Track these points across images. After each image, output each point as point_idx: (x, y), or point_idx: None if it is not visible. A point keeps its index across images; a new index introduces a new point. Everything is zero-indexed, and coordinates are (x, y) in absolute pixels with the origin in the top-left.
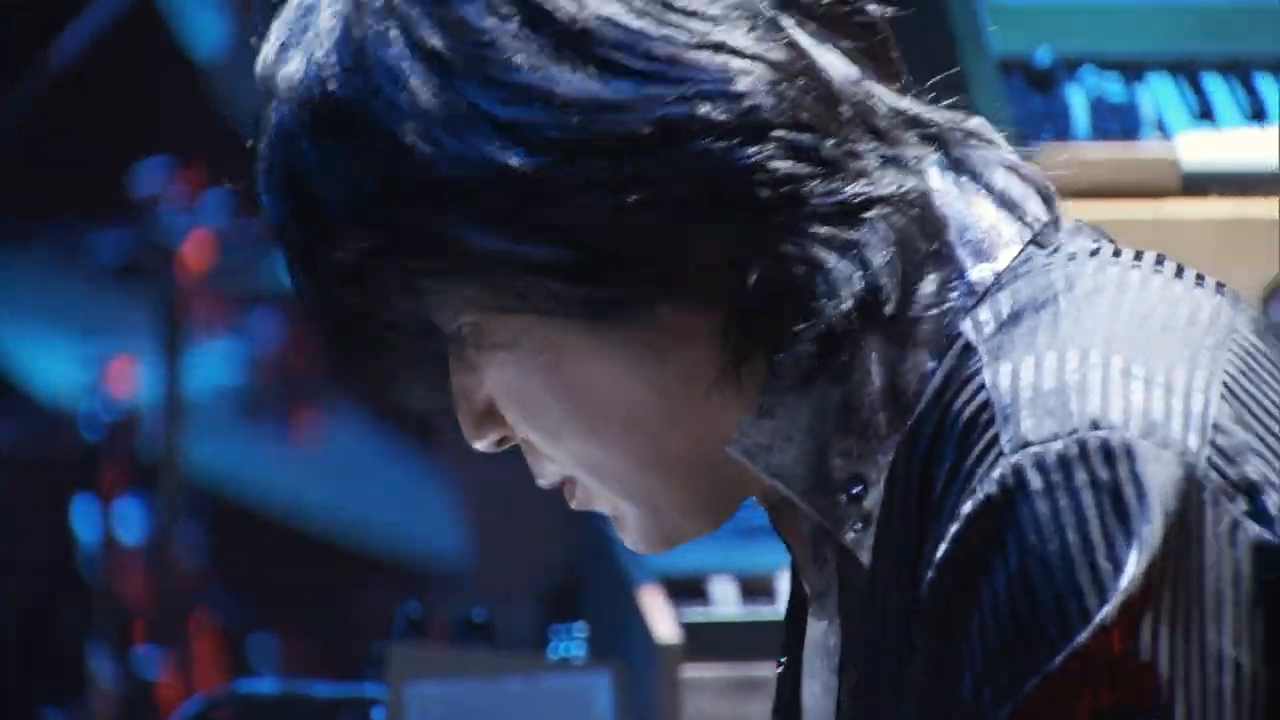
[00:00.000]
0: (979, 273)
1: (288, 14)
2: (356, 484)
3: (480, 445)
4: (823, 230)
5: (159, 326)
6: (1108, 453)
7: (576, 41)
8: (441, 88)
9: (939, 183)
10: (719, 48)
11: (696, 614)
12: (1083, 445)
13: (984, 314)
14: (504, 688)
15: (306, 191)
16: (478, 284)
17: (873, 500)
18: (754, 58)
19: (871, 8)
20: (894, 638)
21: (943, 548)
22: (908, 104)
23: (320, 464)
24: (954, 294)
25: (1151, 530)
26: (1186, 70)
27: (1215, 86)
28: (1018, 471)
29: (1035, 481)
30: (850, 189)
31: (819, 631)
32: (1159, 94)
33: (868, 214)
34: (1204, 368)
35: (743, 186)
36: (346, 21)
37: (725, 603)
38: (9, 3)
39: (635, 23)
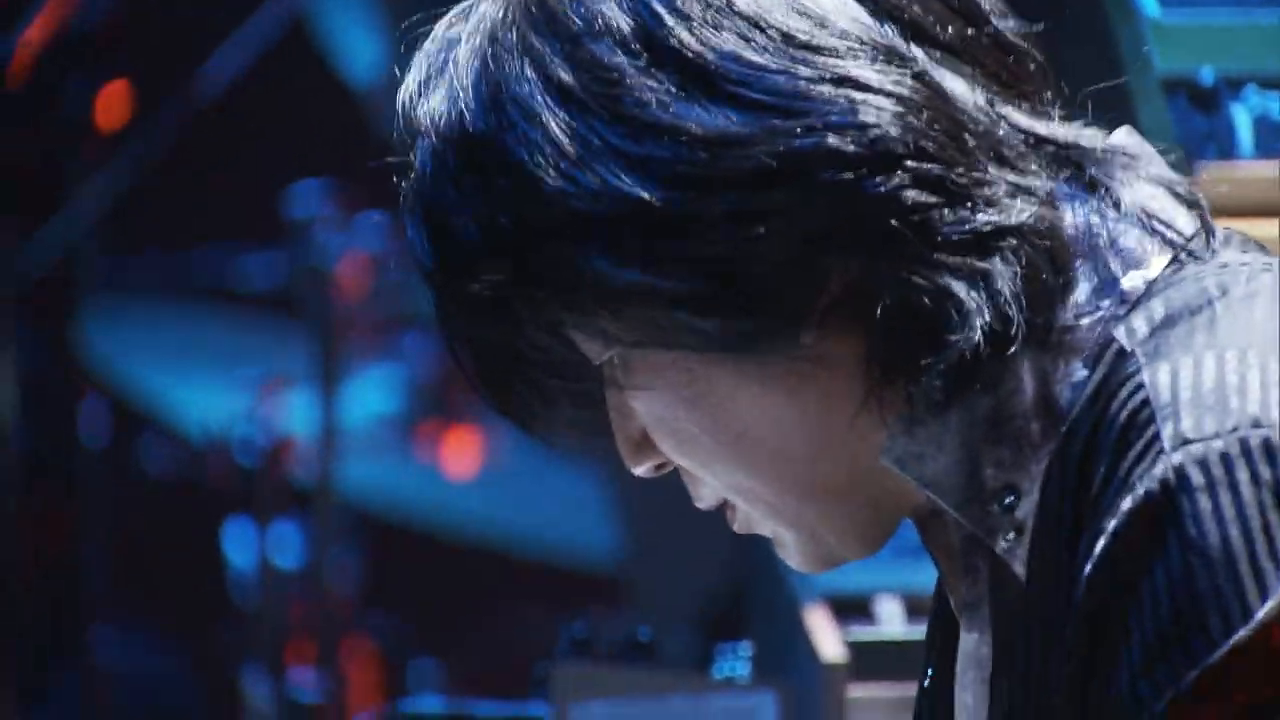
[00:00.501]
0: (1130, 281)
1: (430, 48)
2: (516, 504)
3: (639, 471)
4: (952, 260)
5: (314, 351)
6: (1269, 450)
7: (703, 78)
8: (573, 123)
9: (1078, 204)
10: (844, 81)
11: (863, 633)
12: (1244, 443)
13: (1137, 320)
14: (669, 706)
15: (444, 224)
16: (616, 318)
17: (1025, 510)
18: (879, 91)
19: (1005, 31)
20: (1051, 642)
21: (1100, 544)
22: (1044, 126)
23: (479, 485)
24: (1106, 302)
25: None
26: None
27: None
28: (1179, 469)
29: (1197, 478)
30: (980, 218)
31: (970, 644)
32: None
33: (997, 243)
34: None
35: (872, 217)
36: (484, 57)
37: (891, 621)
38: (164, 26)
39: (759, 58)
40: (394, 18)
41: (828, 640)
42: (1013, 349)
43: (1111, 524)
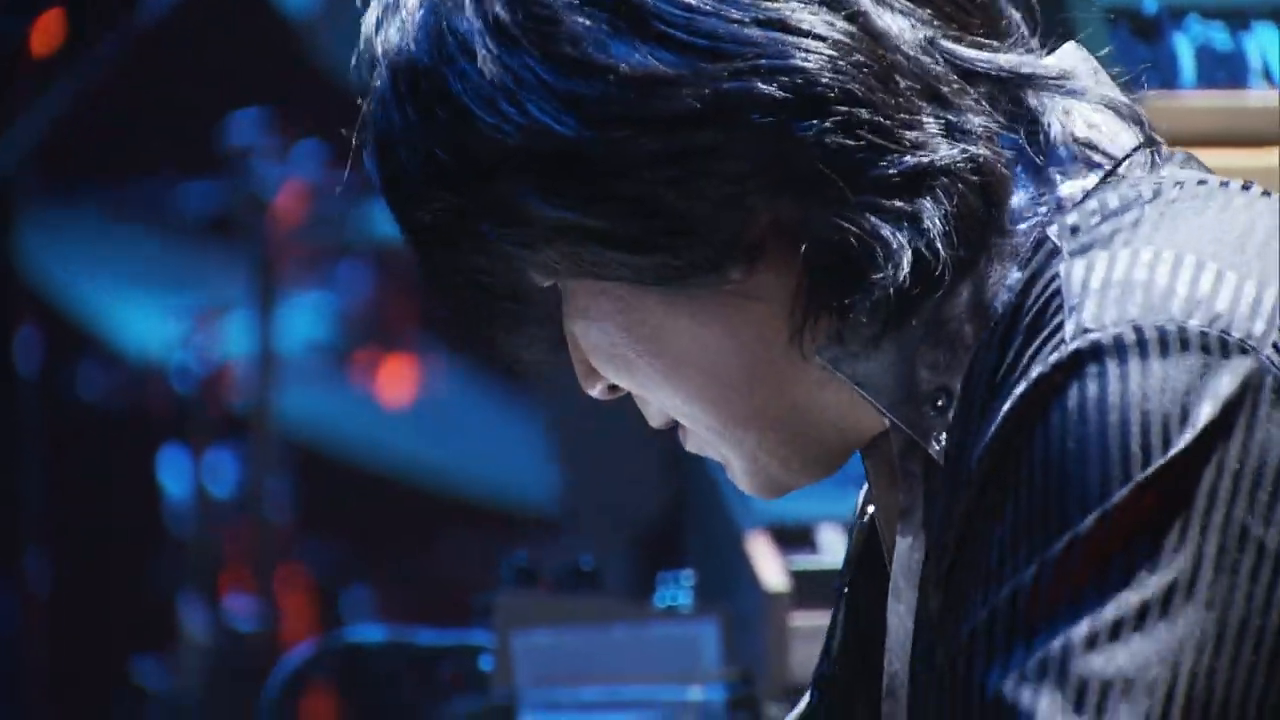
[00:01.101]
0: (1068, 189)
1: None
2: (452, 434)
3: (593, 393)
4: (878, 201)
5: (251, 278)
6: (1164, 342)
7: (636, 18)
8: (507, 60)
9: (1020, 131)
10: (775, 24)
11: (805, 562)
12: (1139, 332)
13: (1070, 219)
14: (611, 635)
15: (391, 152)
16: (551, 251)
17: (950, 410)
18: (810, 34)
19: None
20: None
21: (993, 427)
22: (986, 58)
23: (414, 415)
24: (1043, 208)
25: (1201, 413)
26: None
27: None
28: (1074, 354)
29: (1089, 364)
30: (907, 160)
31: (904, 551)
32: (1264, 43)
33: (926, 183)
34: (1259, 264)
35: (798, 160)
36: None
37: (833, 550)
38: None
39: (693, 0)
40: None
41: (770, 568)
42: (942, 287)
43: (1005, 407)
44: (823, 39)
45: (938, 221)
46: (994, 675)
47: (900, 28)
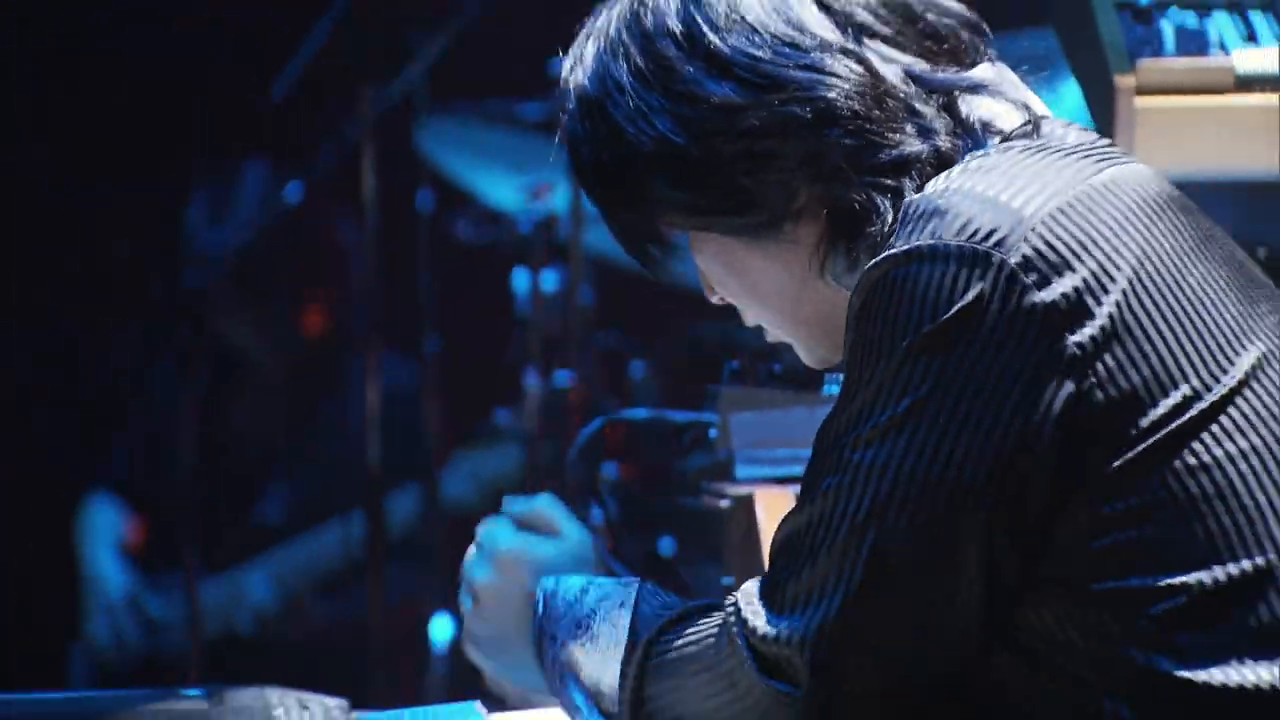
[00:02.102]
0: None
1: (575, 46)
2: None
3: (712, 300)
4: (873, 181)
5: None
6: (937, 252)
7: (721, 66)
8: (643, 94)
9: (956, 129)
10: (810, 68)
11: None
12: (932, 244)
13: (947, 173)
14: (812, 413)
15: (577, 153)
16: (674, 215)
17: None
18: (834, 74)
19: (933, 22)
20: None
21: (850, 308)
22: (941, 79)
23: None
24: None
25: (961, 290)
26: (1239, 8)
27: (1258, 19)
28: (888, 260)
29: (896, 263)
30: (892, 154)
31: None
32: (1221, 25)
33: (904, 168)
34: (1045, 197)
35: (823, 157)
36: (598, 49)
37: None
38: None
39: (758, 53)
40: None
41: None
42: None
43: (861, 281)
44: (841, 77)
45: (912, 192)
46: (815, 440)
47: (889, 67)
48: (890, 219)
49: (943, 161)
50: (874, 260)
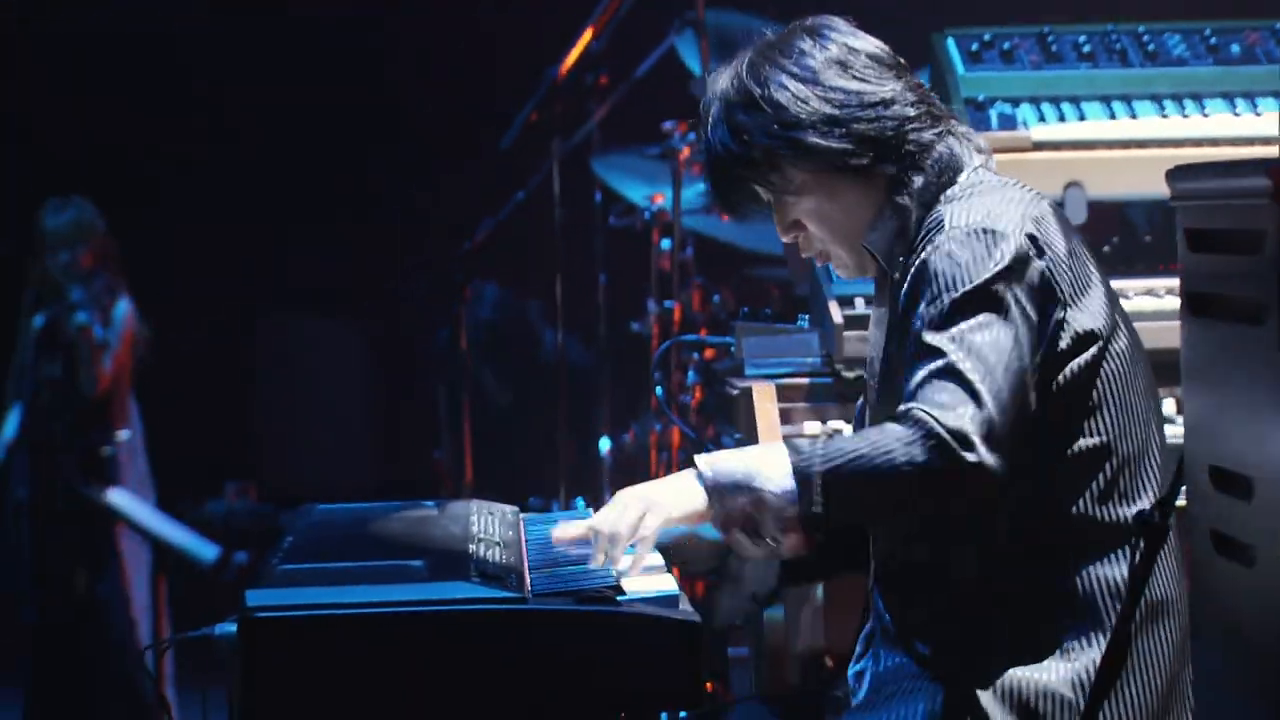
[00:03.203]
0: (961, 178)
1: (714, 76)
2: None
3: (785, 239)
4: (912, 164)
5: None
6: (984, 229)
7: (821, 88)
8: (800, 88)
9: (956, 150)
10: (879, 104)
11: None
12: (973, 228)
13: (951, 192)
14: (789, 339)
15: (733, 137)
16: (799, 163)
17: (901, 263)
18: (885, 103)
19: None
20: (896, 312)
21: (913, 268)
22: (946, 121)
23: None
24: (949, 188)
25: (1004, 258)
26: (1036, 102)
27: (1048, 109)
28: (948, 237)
29: (952, 239)
30: (936, 131)
31: (879, 313)
32: (1024, 112)
33: (928, 160)
34: (1025, 211)
35: (879, 149)
36: (739, 69)
37: None
38: None
39: (852, 85)
40: None
41: None
42: (915, 210)
43: (916, 260)
44: (891, 103)
45: (931, 178)
46: (926, 335)
47: (913, 107)
48: (929, 178)
49: (951, 155)
50: (935, 241)
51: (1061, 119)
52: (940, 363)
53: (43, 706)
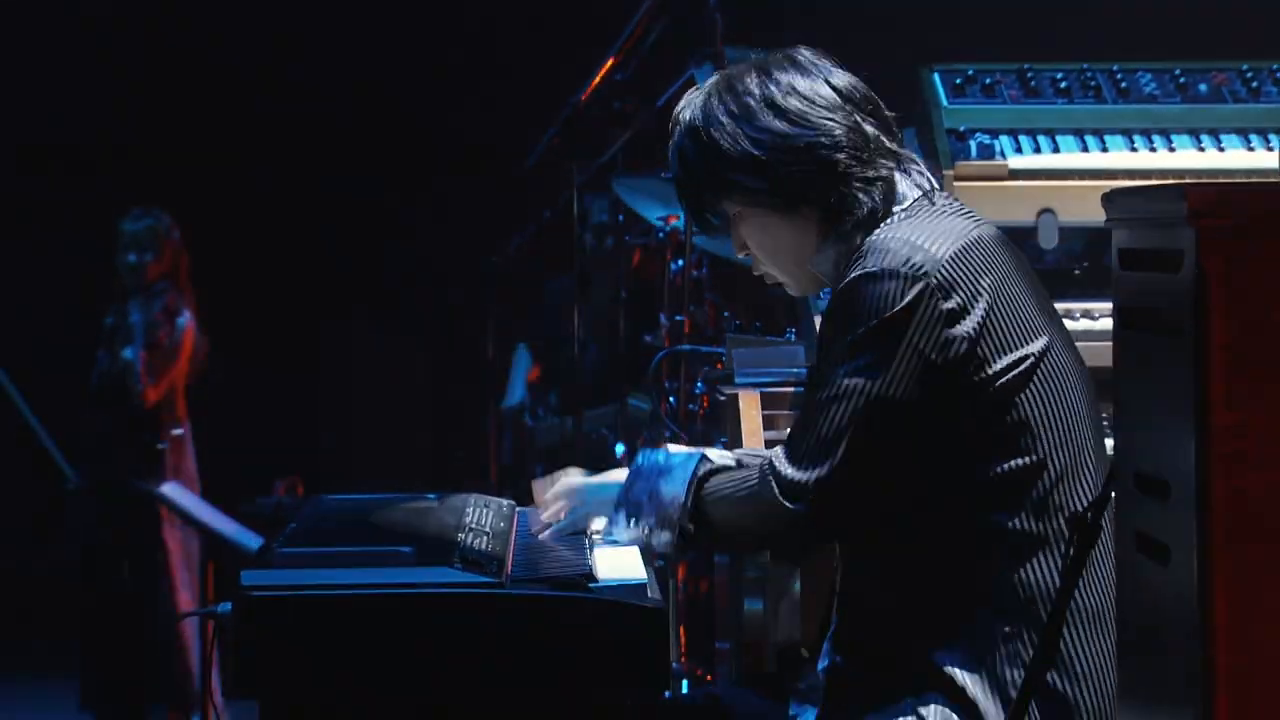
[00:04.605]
0: (898, 209)
1: (682, 102)
2: None
3: (739, 256)
4: (857, 187)
5: None
6: (888, 271)
7: (780, 114)
8: (731, 124)
9: (900, 179)
10: (828, 120)
11: None
12: (880, 267)
13: (886, 223)
14: (776, 350)
15: (681, 164)
16: (744, 196)
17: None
18: (840, 125)
19: (888, 113)
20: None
21: (833, 299)
22: (897, 149)
23: None
24: (888, 219)
25: (899, 301)
26: (1014, 134)
27: (1025, 140)
28: (856, 277)
29: (859, 279)
30: (867, 173)
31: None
32: (1003, 143)
33: (872, 191)
34: (947, 244)
35: (830, 175)
36: (702, 99)
37: None
38: None
39: (801, 107)
40: None
41: None
42: (860, 234)
43: (839, 287)
44: (845, 127)
45: (872, 202)
46: (815, 370)
47: (868, 128)
48: (862, 214)
49: (890, 190)
50: (851, 275)
51: (1037, 150)
52: (812, 406)
53: (94, 688)
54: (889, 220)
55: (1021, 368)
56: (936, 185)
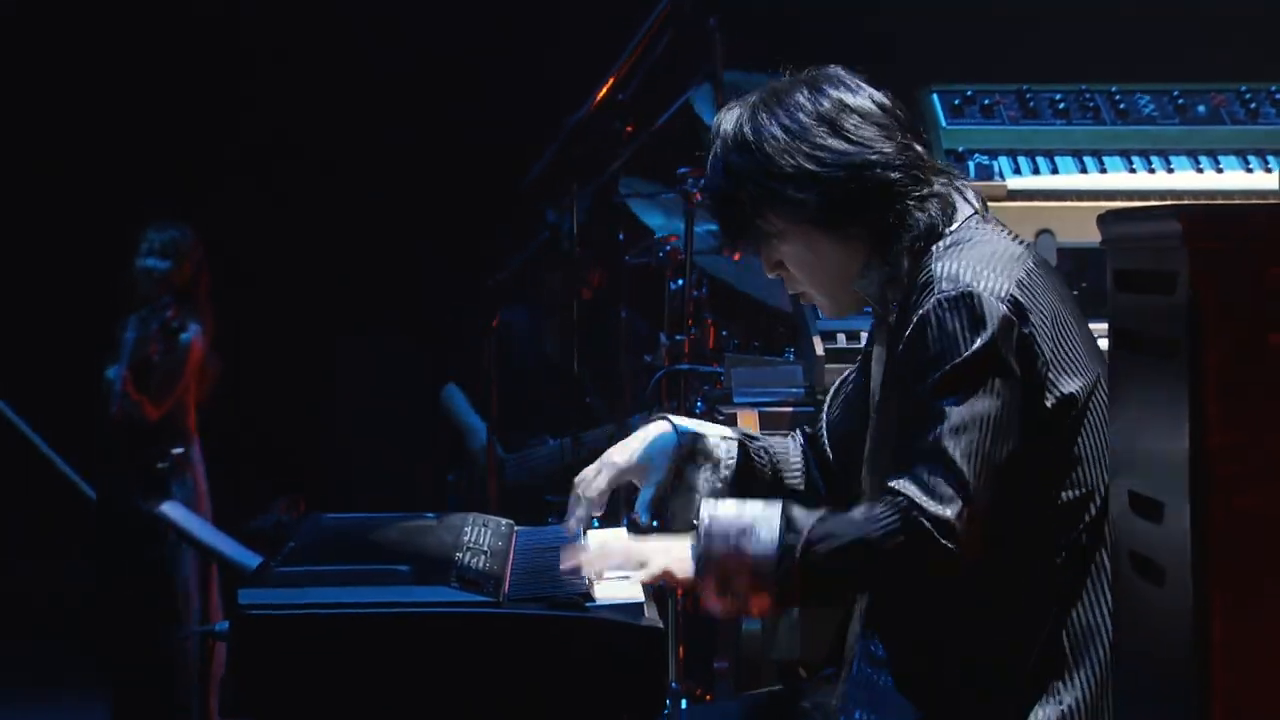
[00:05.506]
0: (950, 229)
1: (722, 114)
2: None
3: (770, 275)
4: (913, 205)
5: None
6: (969, 296)
7: (835, 130)
8: (788, 141)
9: (954, 197)
10: (877, 152)
11: None
12: (959, 293)
13: (943, 244)
14: (774, 371)
15: (726, 177)
16: (793, 211)
17: (896, 310)
18: (891, 142)
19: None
20: (892, 363)
21: (910, 328)
22: (938, 169)
23: None
24: (939, 241)
25: (988, 328)
26: (1013, 154)
27: (1024, 161)
28: (936, 303)
29: (940, 306)
30: (923, 191)
31: (878, 356)
32: (1002, 163)
33: (925, 201)
34: (1014, 267)
35: (880, 196)
36: (743, 112)
37: None
38: None
39: (854, 124)
40: None
41: None
42: (907, 258)
43: (915, 318)
44: (896, 144)
45: (930, 218)
46: (919, 406)
47: (919, 148)
48: (918, 231)
49: (947, 206)
50: (927, 301)
51: (1036, 171)
52: (930, 442)
53: (119, 704)
54: (944, 239)
55: (1077, 405)
56: (982, 202)
